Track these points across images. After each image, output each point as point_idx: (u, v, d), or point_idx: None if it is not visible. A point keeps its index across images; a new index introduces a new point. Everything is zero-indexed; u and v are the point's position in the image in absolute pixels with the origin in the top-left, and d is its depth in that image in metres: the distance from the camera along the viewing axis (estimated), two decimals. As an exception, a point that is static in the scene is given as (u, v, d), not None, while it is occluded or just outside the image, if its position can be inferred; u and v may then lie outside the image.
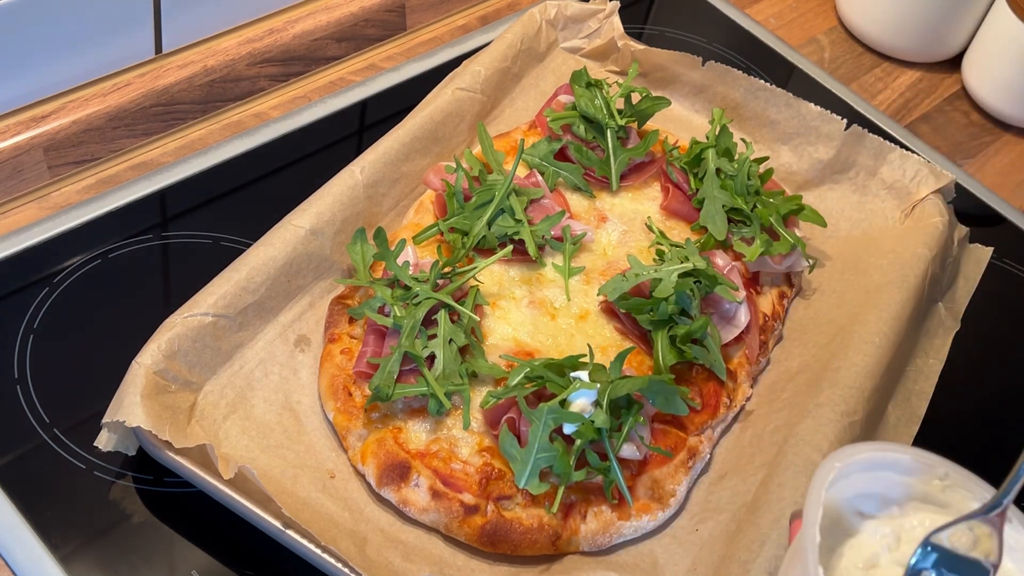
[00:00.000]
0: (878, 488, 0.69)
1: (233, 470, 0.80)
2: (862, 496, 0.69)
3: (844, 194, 1.17)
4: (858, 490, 0.69)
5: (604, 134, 1.09)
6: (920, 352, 1.05)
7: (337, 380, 0.90)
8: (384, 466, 0.86)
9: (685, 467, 0.91)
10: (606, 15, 1.26)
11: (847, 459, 0.67)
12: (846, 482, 0.68)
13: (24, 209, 1.03)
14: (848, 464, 0.67)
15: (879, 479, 0.69)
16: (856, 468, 0.68)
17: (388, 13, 1.25)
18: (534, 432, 0.84)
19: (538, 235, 1.00)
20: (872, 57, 1.43)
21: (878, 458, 0.68)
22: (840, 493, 0.68)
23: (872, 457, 0.68)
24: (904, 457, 0.68)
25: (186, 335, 0.87)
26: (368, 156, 1.03)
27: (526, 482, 0.83)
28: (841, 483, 0.67)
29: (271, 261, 0.93)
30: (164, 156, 1.10)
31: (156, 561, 0.82)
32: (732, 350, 0.99)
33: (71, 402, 0.90)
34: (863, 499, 0.70)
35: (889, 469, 0.69)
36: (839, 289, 1.08)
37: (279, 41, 1.17)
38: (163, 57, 1.11)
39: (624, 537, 0.87)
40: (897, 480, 0.69)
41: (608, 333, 0.97)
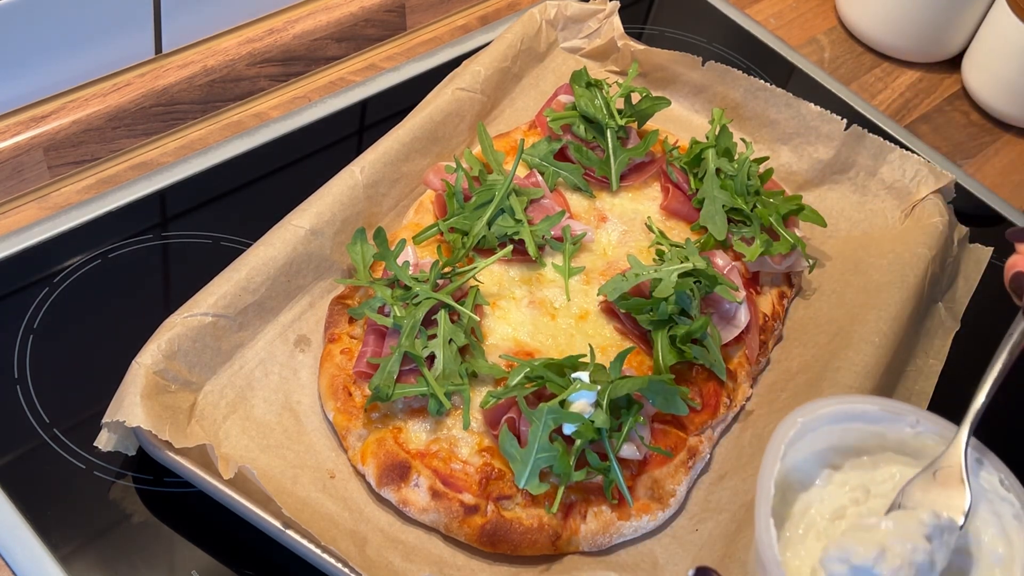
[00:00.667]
0: (849, 440, 0.68)
1: (233, 470, 0.80)
2: (832, 450, 0.68)
3: (844, 194, 1.17)
4: (828, 444, 0.67)
5: (604, 134, 1.09)
6: (920, 352, 1.05)
7: (337, 380, 0.90)
8: (384, 466, 0.86)
9: (685, 467, 0.91)
10: (606, 15, 1.26)
11: (811, 413, 0.66)
12: (814, 436, 0.67)
13: (24, 209, 1.03)
14: (813, 418, 0.66)
15: (849, 431, 0.68)
16: (823, 422, 0.67)
17: (388, 13, 1.25)
18: (534, 432, 0.84)
19: (538, 235, 1.00)
20: (872, 57, 1.43)
21: (845, 410, 0.67)
22: (809, 447, 0.67)
23: (838, 410, 0.67)
24: (872, 407, 0.67)
25: (186, 335, 0.87)
26: (368, 156, 1.03)
27: (526, 482, 0.83)
28: (809, 437, 0.66)
29: (271, 261, 0.93)
30: (164, 156, 1.10)
31: (156, 561, 0.82)
32: (732, 350, 0.99)
33: (71, 402, 0.90)
34: (833, 453, 0.68)
35: (858, 420, 0.68)
36: (839, 289, 1.08)
37: (279, 41, 1.17)
38: (163, 57, 1.11)
39: (624, 537, 0.87)
40: (867, 431, 0.68)
41: (608, 333, 0.97)
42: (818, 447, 0.68)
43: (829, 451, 0.69)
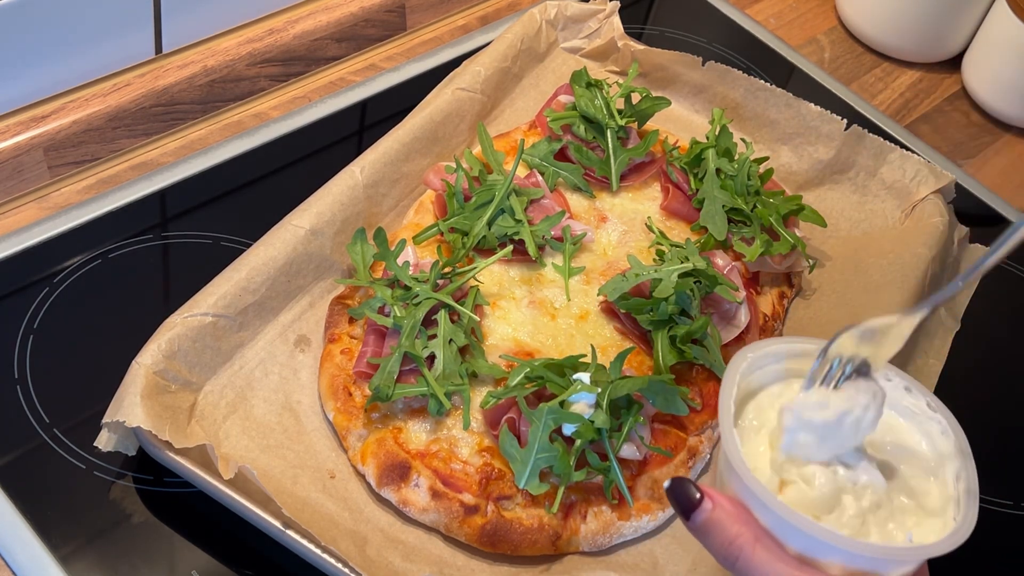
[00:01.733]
0: (793, 376, 0.74)
1: (233, 470, 0.80)
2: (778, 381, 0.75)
3: (844, 194, 1.17)
4: (776, 378, 0.74)
5: (604, 134, 1.09)
6: (920, 352, 1.04)
7: (337, 380, 0.90)
8: (384, 466, 0.86)
9: (685, 467, 0.91)
10: (606, 15, 1.26)
11: (759, 350, 0.73)
12: (761, 373, 0.73)
13: (24, 209, 1.03)
14: (761, 355, 0.73)
15: (792, 370, 0.74)
16: (769, 360, 0.73)
17: (388, 13, 1.25)
18: (534, 432, 0.84)
19: (538, 235, 1.00)
20: (872, 57, 1.43)
21: (788, 349, 0.74)
22: (757, 381, 0.74)
23: (782, 348, 0.74)
24: (811, 347, 0.73)
25: (186, 335, 0.87)
26: (368, 156, 1.03)
27: (526, 482, 0.83)
28: (756, 374, 0.73)
29: (271, 261, 0.93)
30: (164, 156, 1.10)
31: (156, 561, 0.82)
32: (732, 350, 0.98)
33: (71, 402, 0.90)
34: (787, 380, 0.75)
35: (799, 359, 0.74)
36: (839, 289, 1.08)
37: (279, 41, 1.17)
38: (163, 57, 1.11)
39: (624, 537, 0.87)
40: (807, 367, 0.72)
41: (608, 333, 0.97)
42: (765, 381, 0.74)
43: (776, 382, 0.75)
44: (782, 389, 0.74)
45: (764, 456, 0.70)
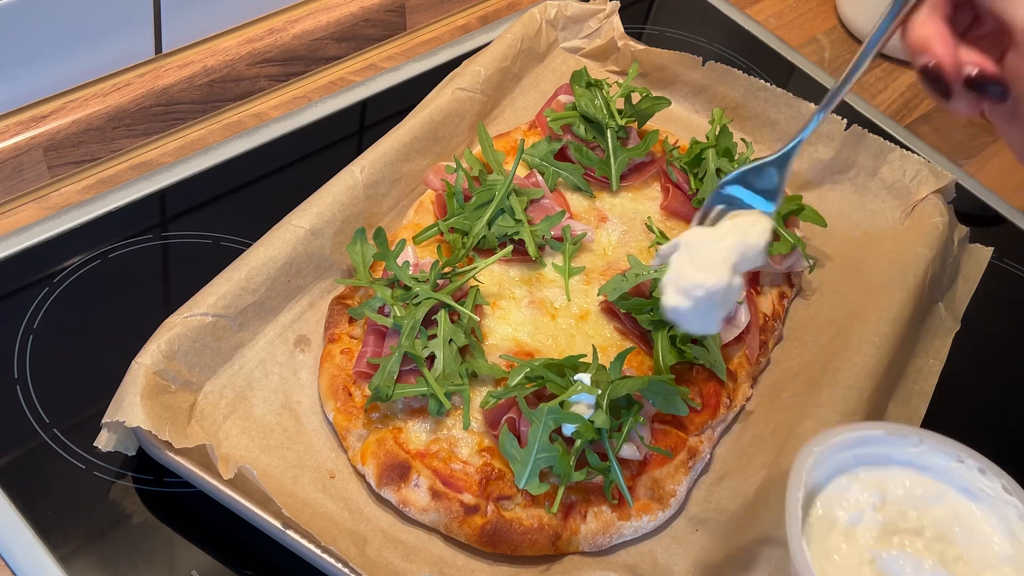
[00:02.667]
0: (860, 463, 0.74)
1: (233, 470, 0.80)
2: (850, 464, 0.74)
3: (844, 194, 1.17)
4: (842, 468, 0.73)
5: (604, 134, 1.09)
6: (920, 352, 1.05)
7: (337, 380, 0.90)
8: (384, 466, 0.86)
9: (685, 467, 0.91)
10: (606, 15, 1.26)
11: (825, 442, 0.72)
12: (829, 462, 0.73)
13: (24, 209, 1.03)
14: (827, 447, 0.72)
15: (859, 456, 0.73)
16: (836, 449, 0.72)
17: (388, 13, 1.25)
18: (534, 432, 0.84)
19: (538, 235, 1.00)
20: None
21: (855, 437, 0.73)
22: (825, 472, 0.73)
23: (849, 437, 0.73)
24: (879, 432, 0.73)
25: (186, 335, 0.87)
26: (368, 156, 1.03)
27: (526, 482, 0.83)
28: (825, 464, 0.72)
29: (271, 261, 0.93)
30: (164, 156, 1.10)
31: (156, 561, 0.82)
32: (732, 350, 0.99)
33: (71, 402, 0.90)
34: (853, 466, 0.74)
35: (867, 445, 0.73)
36: (839, 289, 1.08)
37: (279, 41, 1.17)
38: (163, 57, 1.11)
39: (624, 537, 0.87)
40: (876, 453, 0.73)
41: (608, 333, 0.97)
42: (833, 471, 0.73)
43: (846, 464, 0.74)
44: (850, 481, 0.73)
45: (842, 554, 0.69)
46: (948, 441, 0.74)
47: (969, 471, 0.72)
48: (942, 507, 0.73)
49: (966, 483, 0.72)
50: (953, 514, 0.71)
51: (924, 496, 0.73)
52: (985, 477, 0.72)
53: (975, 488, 0.72)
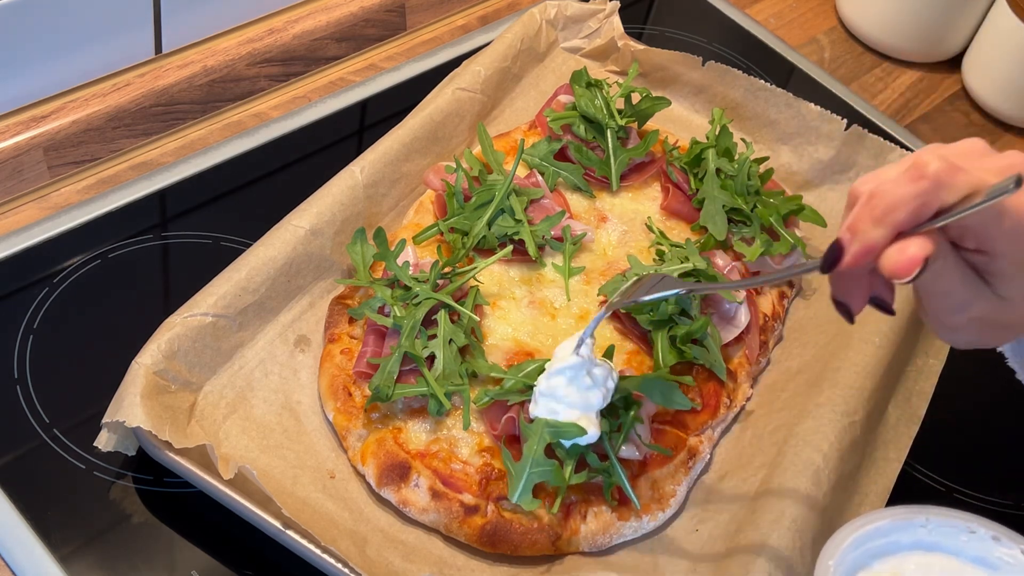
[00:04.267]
0: (872, 553, 0.73)
1: (233, 470, 0.80)
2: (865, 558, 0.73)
3: (844, 194, 1.16)
4: (855, 565, 0.73)
5: (604, 134, 1.09)
6: (920, 352, 1.04)
7: (337, 380, 0.90)
8: (384, 466, 0.86)
9: (685, 467, 0.91)
10: (606, 15, 1.26)
11: (836, 552, 0.71)
12: (843, 568, 0.72)
13: (24, 209, 1.03)
14: (839, 556, 0.71)
15: (870, 550, 0.73)
16: (848, 551, 0.72)
17: (388, 13, 1.25)
18: (529, 447, 0.84)
19: (538, 235, 1.00)
20: (872, 57, 1.43)
21: (863, 534, 0.72)
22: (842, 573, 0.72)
23: (858, 536, 0.72)
24: (884, 522, 0.72)
25: (186, 335, 0.87)
26: (368, 156, 1.03)
27: (518, 497, 0.83)
28: (840, 570, 0.72)
29: (271, 261, 0.93)
30: (164, 156, 1.10)
31: (156, 561, 0.82)
32: (732, 350, 0.99)
33: (71, 402, 0.90)
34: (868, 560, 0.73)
35: (873, 539, 0.73)
36: (839, 289, 1.08)
37: (279, 41, 1.17)
38: (163, 57, 1.11)
39: (624, 537, 0.87)
40: (886, 543, 0.73)
41: (608, 333, 0.97)
42: (848, 570, 0.73)
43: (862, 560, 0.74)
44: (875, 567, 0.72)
45: None
46: (956, 513, 0.73)
47: (982, 541, 0.71)
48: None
49: (981, 554, 0.71)
50: None
51: (942, 573, 0.72)
52: (1001, 544, 0.71)
53: (992, 558, 0.71)
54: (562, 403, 0.84)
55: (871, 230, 0.62)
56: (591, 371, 0.85)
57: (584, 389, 0.84)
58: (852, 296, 0.67)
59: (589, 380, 0.84)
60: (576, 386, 0.84)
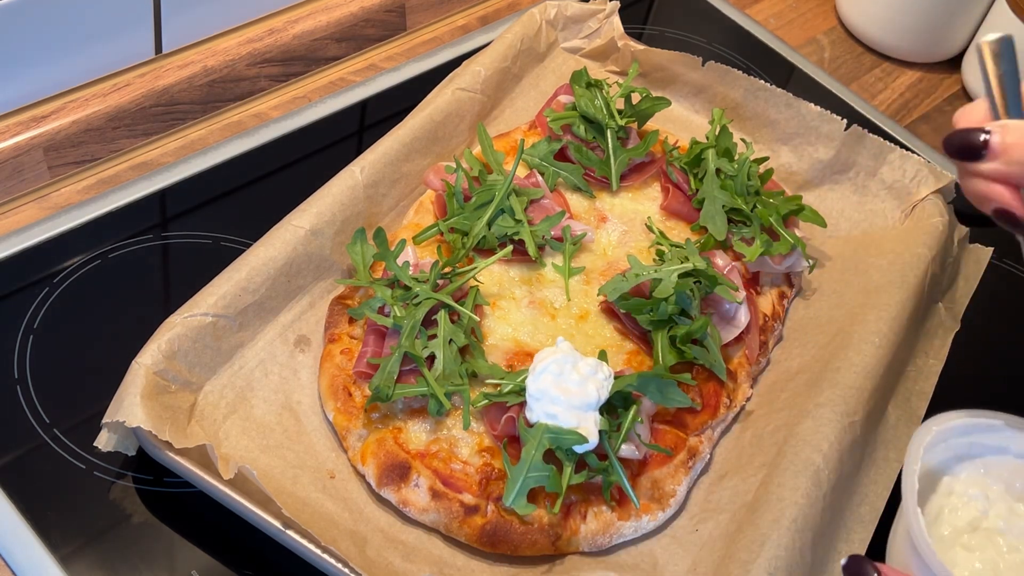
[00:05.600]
0: (974, 452, 0.75)
1: (233, 470, 0.80)
2: (956, 460, 0.75)
3: (844, 194, 1.17)
4: (955, 453, 0.74)
5: (604, 134, 1.09)
6: (920, 352, 1.05)
7: (337, 380, 0.90)
8: (384, 466, 0.86)
9: (685, 467, 0.91)
10: (606, 15, 1.26)
11: (944, 423, 0.73)
12: (944, 445, 0.74)
13: (24, 209, 1.03)
14: (946, 428, 0.73)
15: (974, 444, 0.75)
16: (955, 433, 0.74)
17: (388, 13, 1.25)
18: (527, 452, 0.84)
19: (538, 235, 1.00)
20: (872, 57, 1.43)
21: (975, 423, 0.74)
22: (939, 456, 0.74)
23: (968, 422, 0.74)
24: (998, 421, 0.74)
25: (186, 335, 0.87)
26: (368, 156, 1.03)
27: (513, 501, 0.83)
28: (940, 447, 0.74)
29: (271, 261, 0.93)
30: (164, 156, 1.10)
31: (156, 561, 0.82)
32: (732, 350, 0.99)
33: (71, 402, 0.90)
34: (955, 465, 0.75)
35: (985, 432, 0.74)
36: (839, 289, 1.08)
37: (279, 41, 1.17)
38: (163, 57, 1.11)
39: (624, 537, 0.87)
40: (992, 443, 0.74)
41: (608, 333, 0.97)
42: (945, 456, 0.74)
43: (952, 461, 0.76)
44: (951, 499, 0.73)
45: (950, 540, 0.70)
46: None
47: None
48: None
49: None
50: None
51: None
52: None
53: None
54: (559, 404, 0.83)
55: None
56: (576, 364, 0.85)
57: (576, 384, 0.84)
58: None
59: (577, 375, 0.84)
60: (566, 383, 0.84)
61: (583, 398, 0.84)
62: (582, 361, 0.86)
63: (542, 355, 0.87)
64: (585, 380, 0.84)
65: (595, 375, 0.85)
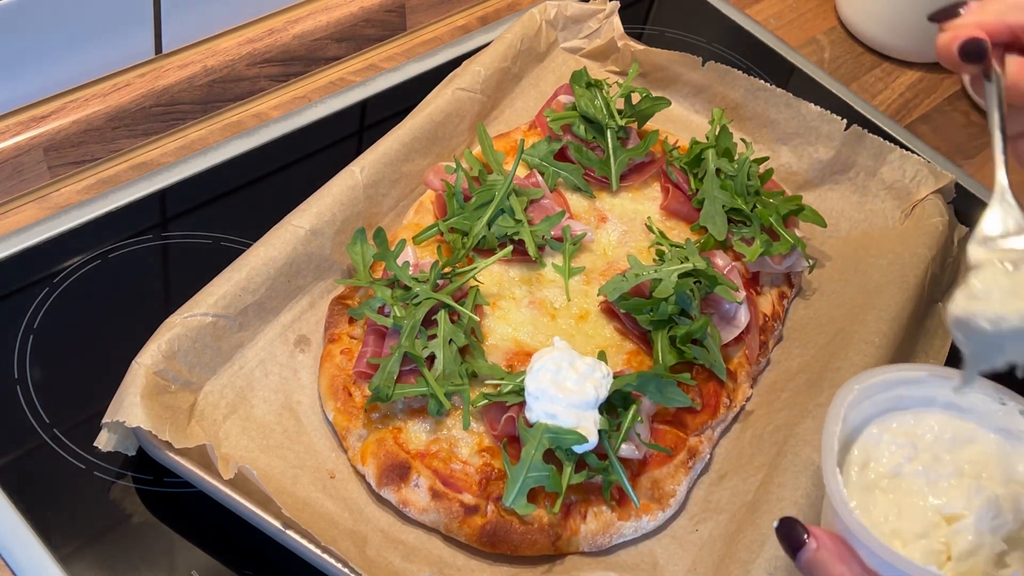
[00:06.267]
0: (901, 405, 0.74)
1: (233, 470, 0.80)
2: (884, 412, 0.74)
3: (844, 194, 1.17)
4: (881, 408, 0.74)
5: (604, 134, 1.09)
6: (920, 352, 1.05)
7: (337, 380, 0.90)
8: (384, 466, 0.86)
9: (685, 467, 0.91)
10: (606, 15, 1.26)
11: (867, 380, 0.72)
12: (869, 402, 0.73)
13: (24, 209, 1.03)
14: (868, 385, 0.72)
15: (902, 397, 0.74)
16: (878, 389, 0.73)
17: (388, 13, 1.25)
18: (527, 452, 0.84)
19: (538, 235, 1.00)
20: (872, 57, 1.43)
21: (898, 376, 0.73)
22: (863, 412, 0.73)
23: (890, 377, 0.73)
24: (921, 372, 0.73)
25: (186, 335, 0.87)
26: (368, 156, 1.03)
27: (512, 501, 0.83)
28: (865, 403, 0.73)
29: (271, 261, 0.93)
30: (164, 156, 1.10)
31: (156, 561, 0.82)
32: (732, 350, 0.99)
33: (71, 402, 0.90)
34: (884, 415, 0.74)
35: (909, 384, 0.73)
36: (839, 289, 1.08)
37: (279, 41, 1.17)
38: (163, 57, 1.11)
39: (624, 537, 0.87)
40: (917, 395, 0.73)
41: (608, 333, 0.97)
42: (871, 411, 0.74)
43: (880, 412, 0.75)
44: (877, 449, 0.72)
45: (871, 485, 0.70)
46: (993, 385, 0.73)
47: (1009, 413, 0.72)
48: (973, 448, 0.72)
49: (1004, 424, 0.72)
50: (985, 454, 0.71)
51: (954, 438, 0.73)
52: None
53: (1015, 429, 0.71)
54: (558, 404, 0.83)
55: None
56: (574, 363, 0.85)
57: (573, 383, 0.84)
58: None
59: (574, 373, 0.84)
60: (564, 381, 0.84)
61: (582, 397, 0.84)
62: (579, 360, 0.86)
63: (539, 355, 0.87)
64: (583, 378, 0.84)
65: (593, 374, 0.85)
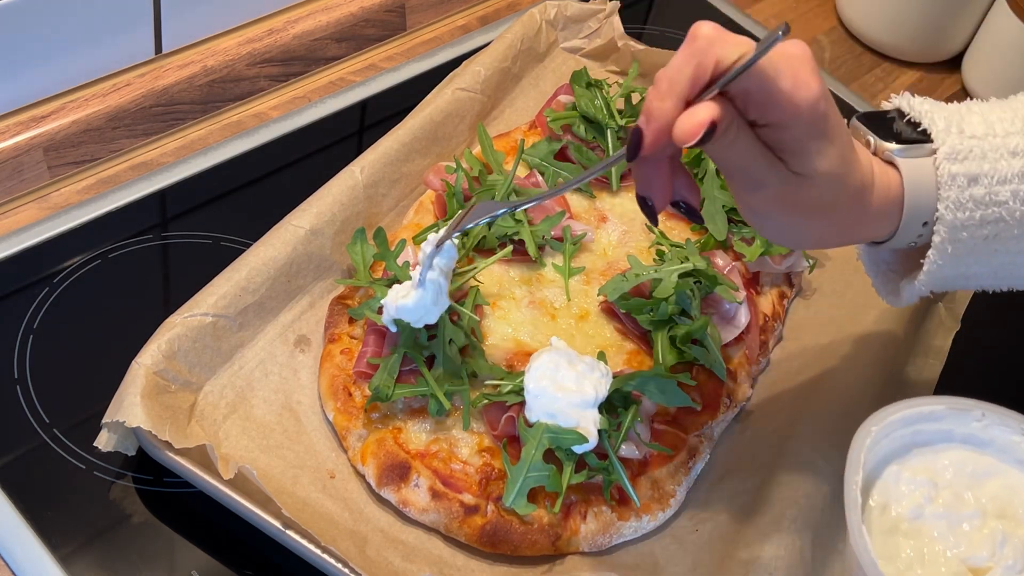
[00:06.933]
0: (919, 440, 0.73)
1: (233, 470, 0.80)
2: (902, 449, 0.73)
3: (844, 194, 1.17)
4: (900, 444, 0.73)
5: (604, 134, 1.09)
6: (920, 352, 1.04)
7: (337, 380, 0.90)
8: (384, 466, 0.86)
9: (685, 467, 0.91)
10: (606, 15, 1.26)
11: (883, 421, 0.71)
12: (887, 440, 0.72)
13: (24, 209, 1.03)
14: (885, 424, 0.71)
15: (919, 432, 0.73)
16: (895, 427, 0.72)
17: (388, 13, 1.25)
18: (527, 451, 0.84)
19: (538, 235, 1.00)
20: (872, 57, 1.43)
21: (914, 413, 0.72)
22: (882, 452, 0.72)
23: (907, 414, 0.72)
24: (939, 407, 0.72)
25: (186, 335, 0.87)
26: (368, 156, 1.03)
27: (512, 501, 0.83)
28: (883, 442, 0.72)
29: (271, 261, 0.93)
30: (164, 156, 1.10)
31: (156, 561, 0.82)
32: (732, 350, 0.99)
33: (71, 402, 0.90)
34: (903, 453, 0.73)
35: (926, 421, 0.73)
36: (839, 289, 1.08)
37: (279, 41, 1.17)
38: (163, 57, 1.11)
39: (624, 537, 0.87)
40: (935, 429, 0.72)
41: (608, 333, 0.97)
42: (889, 449, 0.73)
43: (900, 450, 0.74)
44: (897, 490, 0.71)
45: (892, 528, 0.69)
46: (1012, 414, 0.72)
47: (1013, 432, 0.71)
48: (995, 482, 0.72)
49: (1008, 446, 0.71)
50: (1007, 488, 0.70)
51: (974, 473, 0.72)
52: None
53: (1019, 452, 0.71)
54: (558, 403, 0.83)
55: (661, 104, 0.64)
56: (572, 362, 0.85)
57: (573, 382, 0.84)
58: (655, 189, 0.69)
59: (573, 372, 0.84)
60: (563, 380, 0.84)
61: (581, 395, 0.84)
62: (578, 359, 0.86)
63: (537, 354, 0.87)
64: (582, 377, 0.84)
65: (591, 373, 0.85)
